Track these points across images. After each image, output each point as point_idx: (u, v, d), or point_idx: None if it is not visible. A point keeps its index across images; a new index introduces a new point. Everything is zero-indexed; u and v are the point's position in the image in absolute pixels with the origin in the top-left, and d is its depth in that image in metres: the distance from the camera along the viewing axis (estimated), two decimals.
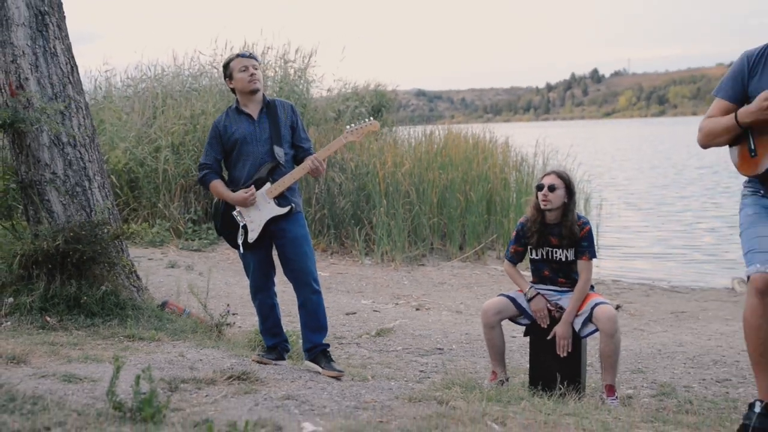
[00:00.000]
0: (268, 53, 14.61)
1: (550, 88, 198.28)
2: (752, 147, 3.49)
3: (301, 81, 14.78)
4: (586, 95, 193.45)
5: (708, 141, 3.65)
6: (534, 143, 14.17)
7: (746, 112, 3.44)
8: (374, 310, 7.99)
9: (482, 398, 3.74)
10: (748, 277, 3.32)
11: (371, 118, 5.00)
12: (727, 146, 3.64)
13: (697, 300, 9.15)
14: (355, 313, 7.79)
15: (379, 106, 16.63)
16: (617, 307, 8.41)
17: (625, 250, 12.97)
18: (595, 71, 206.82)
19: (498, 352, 4.88)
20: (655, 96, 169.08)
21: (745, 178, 3.64)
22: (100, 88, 14.18)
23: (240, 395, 3.69)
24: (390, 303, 8.55)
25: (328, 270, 10.32)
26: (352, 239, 11.39)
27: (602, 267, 11.43)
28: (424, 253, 11.30)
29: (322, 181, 11.65)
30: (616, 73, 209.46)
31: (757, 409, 3.23)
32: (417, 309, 8.30)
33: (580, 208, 14.18)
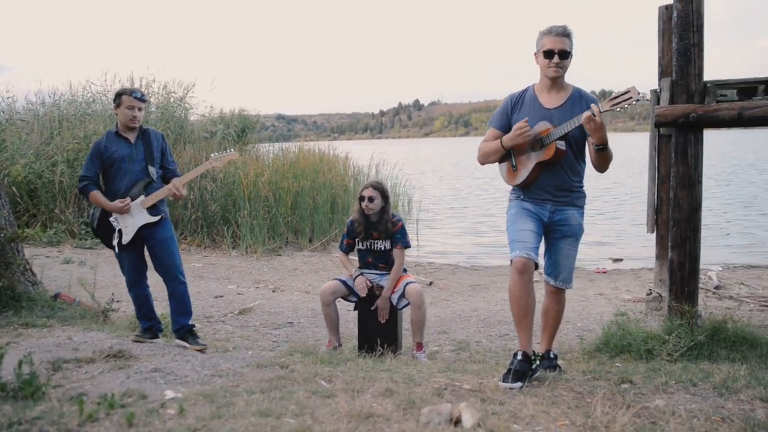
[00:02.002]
0: (153, 84, 14.12)
1: (382, 113, 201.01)
2: (513, 164, 3.67)
3: (180, 108, 14.33)
4: (410, 119, 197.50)
5: (484, 159, 3.79)
6: (369, 157, 14.36)
7: (507, 138, 3.60)
8: (238, 293, 7.79)
9: (316, 362, 3.71)
10: (512, 261, 3.47)
11: (232, 150, 5.01)
12: (497, 163, 3.79)
13: (489, 275, 9.44)
14: (222, 296, 7.55)
15: (244, 127, 16.30)
16: (430, 284, 8.58)
17: (438, 239, 13.30)
18: (417, 101, 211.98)
19: (333, 324, 4.87)
20: (461, 121, 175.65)
21: (511, 187, 3.80)
22: (3, 113, 13.16)
23: (115, 370, 3.48)
24: (252, 287, 8.35)
25: (201, 262, 9.98)
26: (221, 236, 11.14)
27: (420, 252, 11.72)
28: (280, 245, 11.16)
29: (196, 189, 11.40)
30: (433, 103, 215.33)
31: (519, 356, 3.38)
32: (273, 291, 8.16)
33: (405, 206, 14.50)
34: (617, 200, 18.77)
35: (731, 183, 23.16)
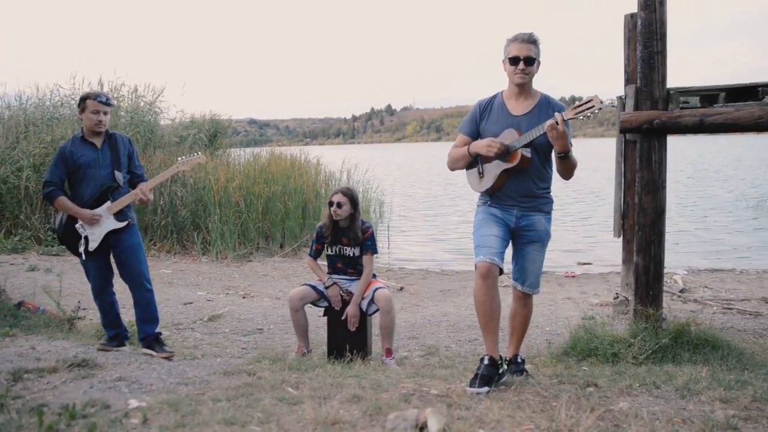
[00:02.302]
0: (122, 89, 13.95)
1: (355, 118, 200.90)
2: (480, 170, 3.70)
3: (150, 112, 14.18)
4: (382, 124, 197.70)
5: (453, 165, 3.82)
6: (341, 162, 14.34)
7: (474, 146, 3.63)
8: (208, 300, 7.71)
9: (284, 368, 3.69)
10: (476, 265, 3.49)
11: (200, 153, 4.95)
12: (465, 170, 3.82)
13: (460, 280, 9.46)
14: (191, 302, 7.47)
15: (215, 132, 16.20)
16: (401, 289, 8.58)
17: (409, 244, 13.32)
18: (389, 106, 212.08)
19: (302, 330, 4.85)
20: (433, 126, 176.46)
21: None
22: None
23: (78, 380, 3.42)
24: (222, 293, 8.28)
25: (170, 268, 9.86)
26: (191, 242, 11.04)
27: (392, 257, 11.73)
28: (251, 251, 11.09)
29: (166, 194, 11.30)
30: (405, 108, 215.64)
31: (486, 361, 3.40)
32: (244, 297, 8.10)
33: (376, 211, 14.50)
34: (588, 205, 19.00)
35: (696, 187, 23.61)
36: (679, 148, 52.98)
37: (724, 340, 4.59)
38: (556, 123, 3.31)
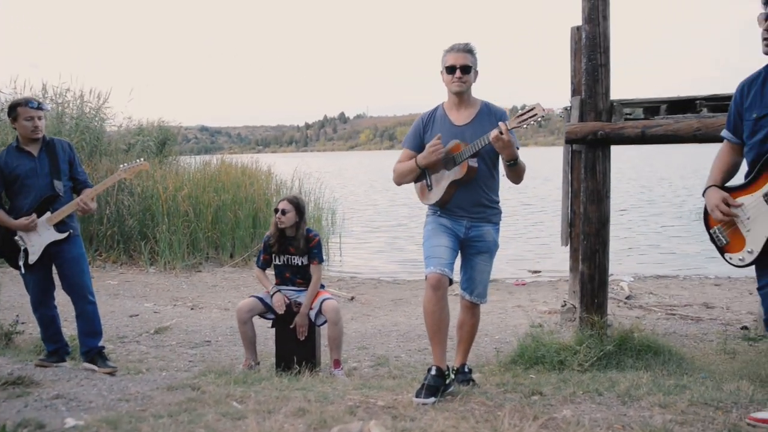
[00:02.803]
0: (67, 94, 13.56)
1: (308, 126, 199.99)
2: (428, 183, 3.74)
3: (96, 118, 13.83)
4: (335, 132, 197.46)
5: (400, 180, 3.84)
6: (293, 170, 14.27)
7: (421, 156, 3.66)
8: (155, 312, 7.57)
9: (230, 382, 3.65)
10: (426, 276, 3.52)
11: (142, 159, 4.89)
12: (413, 183, 3.85)
13: (411, 289, 9.48)
14: (137, 315, 7.33)
15: (165, 139, 15.91)
16: (352, 298, 8.59)
17: (362, 253, 13.33)
18: (342, 114, 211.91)
19: (250, 342, 4.81)
20: (386, 134, 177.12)
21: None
22: None
23: (12, 399, 3.31)
24: (169, 305, 8.14)
25: (117, 279, 9.66)
26: (138, 252, 10.82)
27: (344, 266, 11.72)
28: (201, 261, 10.94)
29: (112, 203, 11.06)
30: (358, 116, 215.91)
31: (432, 372, 3.43)
32: (192, 308, 7.98)
33: (328, 220, 14.47)
34: (540, 213, 19.32)
35: (644, 196, 24.26)
36: (627, 156, 54.39)
37: (665, 346, 4.74)
38: (501, 133, 3.36)
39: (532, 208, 20.95)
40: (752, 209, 2.96)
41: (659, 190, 26.66)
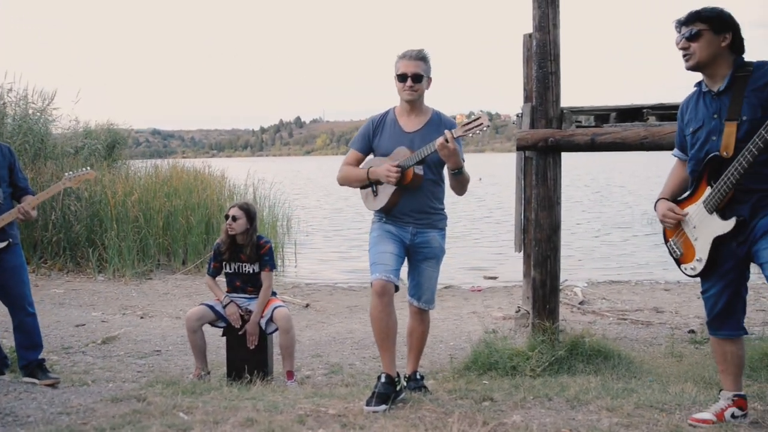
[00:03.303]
0: (9, 94, 13.17)
1: (263, 130, 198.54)
2: (375, 190, 3.77)
3: (41, 120, 13.46)
4: (291, 137, 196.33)
5: (345, 183, 3.87)
6: (247, 175, 14.15)
7: (374, 173, 3.68)
8: (103, 321, 7.41)
9: (178, 392, 3.60)
10: (372, 283, 3.54)
11: (89, 168, 4.78)
12: (358, 189, 3.88)
13: (367, 296, 9.43)
14: (84, 324, 7.15)
15: (114, 143, 15.61)
16: (307, 305, 8.54)
17: (317, 259, 13.29)
18: (299, 118, 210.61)
19: (200, 351, 4.76)
20: (343, 138, 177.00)
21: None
22: None
23: None
24: (118, 313, 7.98)
25: (63, 287, 9.42)
26: (86, 259, 10.56)
27: (300, 273, 11.66)
28: (151, 268, 10.74)
29: (58, 209, 10.78)
30: (314, 120, 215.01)
31: (383, 379, 3.45)
32: (142, 317, 7.83)
33: (283, 226, 14.38)
34: (497, 219, 19.57)
35: (598, 203, 24.78)
36: (581, 163, 55.47)
37: (615, 350, 4.85)
38: (447, 141, 3.41)
39: (490, 213, 21.20)
40: (696, 217, 3.08)
41: (615, 197, 27.27)
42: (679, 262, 3.24)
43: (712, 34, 2.99)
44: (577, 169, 47.11)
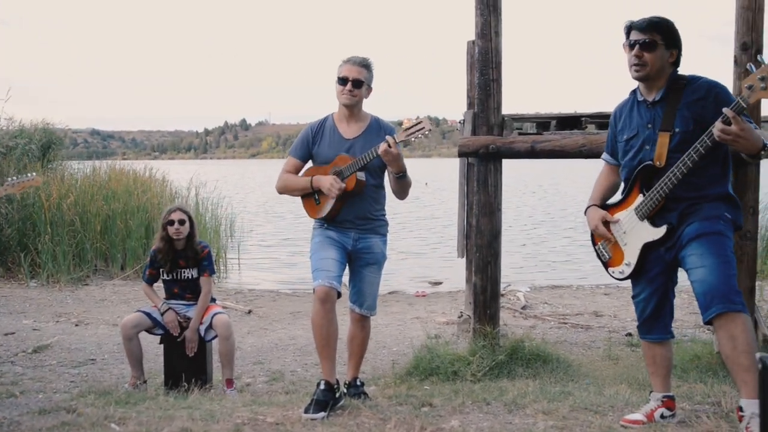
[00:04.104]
0: None
1: (207, 132, 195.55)
2: (317, 198, 3.78)
3: None
4: (236, 139, 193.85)
5: (285, 191, 3.88)
6: (190, 178, 13.93)
7: (317, 182, 3.70)
8: (34, 329, 7.18)
9: (111, 402, 3.53)
10: (314, 289, 3.55)
11: (34, 174, 4.58)
12: (299, 197, 3.89)
13: (311, 301, 9.34)
14: (14, 333, 6.92)
15: (49, 143, 15.13)
16: (249, 312, 8.47)
17: (261, 265, 13.18)
18: (244, 120, 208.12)
19: (136, 360, 4.67)
20: (289, 142, 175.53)
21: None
22: None
23: None
24: (51, 321, 7.74)
25: None
26: (17, 264, 10.21)
27: (243, 278, 11.55)
28: (88, 274, 10.47)
29: None
30: (260, 123, 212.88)
31: (322, 386, 3.46)
32: (76, 325, 7.62)
33: (226, 230, 14.19)
34: (443, 224, 19.74)
35: (541, 208, 25.30)
36: (528, 169, 56.51)
37: (554, 354, 4.98)
38: (389, 146, 3.46)
39: (435, 218, 21.39)
40: (627, 223, 3.19)
41: (560, 202, 27.86)
42: (607, 265, 3.35)
43: (664, 49, 3.08)
44: (526, 175, 48.03)
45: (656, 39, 3.05)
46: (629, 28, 3.12)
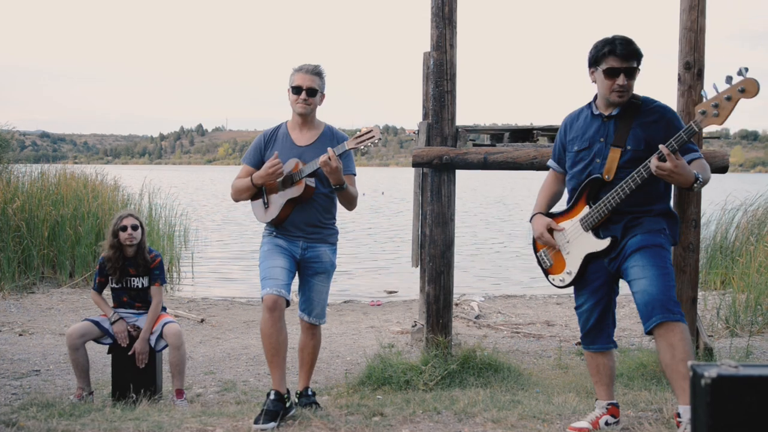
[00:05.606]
0: None
1: (162, 137, 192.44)
2: (266, 201, 3.79)
3: None
4: (192, 145, 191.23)
5: (237, 196, 3.88)
6: (142, 184, 13.70)
7: (258, 176, 3.72)
8: None
9: (54, 415, 3.46)
10: (263, 298, 3.55)
11: None
12: (250, 200, 3.88)
13: None
14: None
15: None
16: (202, 321, 8.37)
17: (215, 273, 13.04)
18: (200, 126, 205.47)
19: (83, 371, 4.58)
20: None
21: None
22: None
23: None
24: None
25: None
26: None
27: (196, 287, 11.40)
28: (34, 281, 10.20)
29: None
30: (217, 129, 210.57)
31: (272, 396, 3.46)
32: (20, 334, 7.42)
33: (180, 237, 14.00)
34: (400, 233, 19.82)
35: (493, 218, 25.63)
36: (484, 180, 57.18)
37: (505, 363, 5.05)
38: (329, 159, 3.49)
39: (391, 228, 21.48)
40: (571, 233, 3.28)
41: (515, 212, 28.26)
42: (547, 272, 3.44)
43: (638, 71, 3.19)
44: (485, 185, 48.56)
45: (636, 65, 3.17)
46: (605, 54, 3.15)
